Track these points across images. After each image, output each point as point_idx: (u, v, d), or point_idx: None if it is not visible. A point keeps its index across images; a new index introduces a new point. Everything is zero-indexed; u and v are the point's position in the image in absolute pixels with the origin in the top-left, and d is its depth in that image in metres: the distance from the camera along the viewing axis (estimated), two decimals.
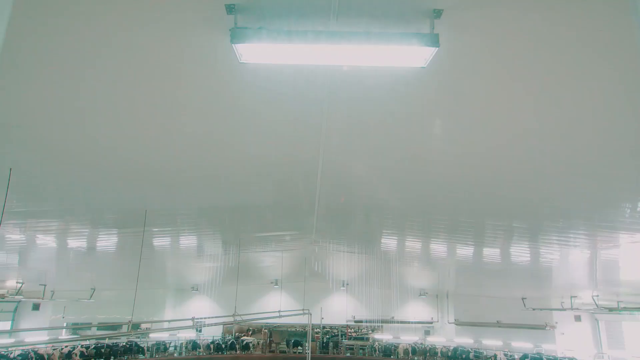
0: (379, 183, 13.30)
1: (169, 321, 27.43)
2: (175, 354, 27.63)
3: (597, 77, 6.61)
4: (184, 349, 28.10)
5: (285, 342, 30.78)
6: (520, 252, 19.16)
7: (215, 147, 10.31)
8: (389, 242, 22.32)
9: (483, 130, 8.88)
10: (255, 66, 6.56)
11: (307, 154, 10.85)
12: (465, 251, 20.79)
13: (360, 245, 23.82)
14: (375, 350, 29.37)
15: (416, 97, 7.70)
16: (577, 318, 29.07)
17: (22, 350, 21.37)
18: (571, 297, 24.51)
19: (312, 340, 28.08)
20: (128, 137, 9.46)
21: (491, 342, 29.18)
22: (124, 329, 26.22)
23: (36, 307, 29.01)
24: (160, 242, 20.87)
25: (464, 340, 30.04)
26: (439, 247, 21.41)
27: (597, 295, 22.35)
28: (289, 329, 33.89)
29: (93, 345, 24.70)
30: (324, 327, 33.54)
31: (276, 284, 32.96)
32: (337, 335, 33.62)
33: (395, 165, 11.42)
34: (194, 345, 28.23)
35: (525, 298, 27.25)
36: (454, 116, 8.44)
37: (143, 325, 29.14)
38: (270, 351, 30.21)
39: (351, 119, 8.83)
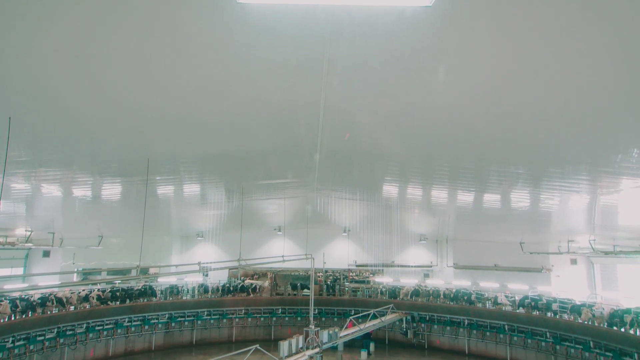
0: (381, 129, 13.19)
1: (176, 266, 28.27)
2: (188, 297, 28.85)
3: (598, 32, 6.50)
4: (196, 292, 29.28)
5: (290, 285, 31.88)
6: (520, 198, 19.33)
7: (214, 93, 10.15)
8: (391, 189, 22.50)
9: (486, 75, 8.68)
10: (253, 6, 6.31)
11: (308, 98, 10.69)
12: (466, 197, 20.98)
13: (361, 192, 24.03)
14: (381, 293, 30.49)
15: (420, 39, 7.46)
16: (573, 261, 29.83)
17: (42, 294, 22.32)
18: (568, 241, 25.02)
19: (315, 284, 29.08)
20: (131, 84, 9.30)
21: (488, 285, 30.18)
22: (133, 273, 27.12)
23: (46, 254, 29.81)
24: (164, 190, 21.08)
25: (462, 283, 31.05)
26: (439, 194, 21.60)
27: (594, 240, 22.81)
28: (293, 273, 34.98)
29: (109, 289, 25.81)
30: (326, 271, 34.59)
31: (279, 231, 33.63)
32: (339, 278, 34.76)
33: (397, 111, 11.27)
34: (205, 289, 29.40)
35: (523, 242, 27.85)
36: (458, 60, 8.21)
37: (151, 270, 30.09)
38: (277, 294, 31.37)
39: (353, 61, 8.60)
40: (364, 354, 25.37)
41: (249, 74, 9.08)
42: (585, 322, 20.48)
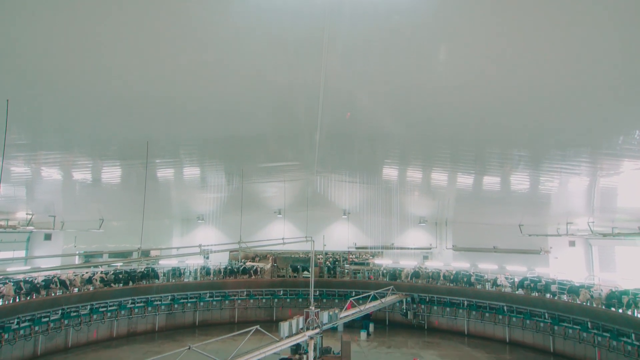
0: (381, 110, 13.11)
1: (177, 248, 28.44)
2: (190, 279, 29.15)
3: (595, 14, 6.43)
4: (198, 274, 29.55)
5: (290, 268, 32.15)
6: (520, 180, 19.35)
7: (214, 75, 10.06)
8: (390, 172, 22.49)
9: (488, 56, 8.59)
10: None
11: (308, 79, 10.59)
12: (466, 180, 21.00)
13: (361, 174, 24.03)
14: (382, 275, 30.77)
15: (420, 14, 7.33)
16: (572, 243, 30.03)
17: (45, 276, 22.55)
18: (567, 223, 25.14)
19: (315, 266, 29.30)
20: (130, 66, 9.20)
21: (487, 266, 30.45)
22: (134, 256, 27.28)
23: (48, 237, 29.97)
24: (164, 173, 21.06)
25: (461, 265, 31.32)
26: (439, 176, 21.61)
27: (593, 222, 22.91)
28: (293, 256, 35.23)
29: (112, 272, 26.08)
30: (326, 254, 34.83)
31: (280, 213, 33.75)
32: (339, 260, 35.02)
33: (398, 91, 11.18)
34: (207, 271, 29.69)
35: (522, 225, 28.00)
36: (459, 40, 8.11)
37: (152, 253, 30.28)
38: (279, 276, 31.65)
39: (353, 39, 8.48)
40: (363, 334, 25.74)
41: (248, 54, 8.98)
42: (584, 303, 20.71)
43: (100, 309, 24.15)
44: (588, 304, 20.50)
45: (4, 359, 19.51)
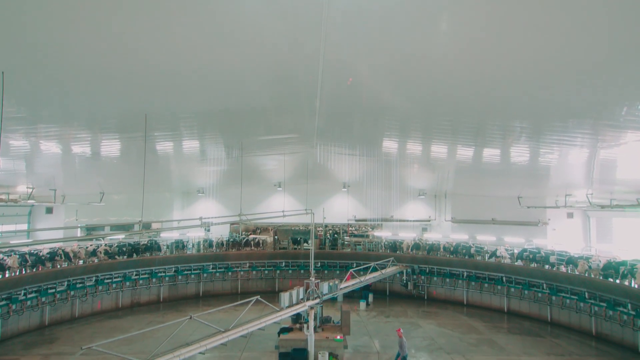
0: (382, 81, 12.98)
1: (178, 221, 28.65)
2: (193, 251, 29.55)
3: None
4: (201, 246, 29.94)
5: (291, 240, 32.50)
6: (520, 152, 19.34)
7: (212, 46, 9.91)
8: (390, 144, 22.44)
9: (490, 25, 8.45)
10: None
11: (307, 48, 10.43)
12: (466, 152, 20.97)
13: (361, 147, 23.99)
14: (383, 246, 31.14)
15: None
16: (570, 215, 30.30)
17: (50, 248, 22.87)
18: (566, 195, 25.29)
19: (315, 238, 29.59)
20: (128, 37, 9.05)
21: (485, 238, 30.80)
22: (136, 229, 27.54)
23: (49, 210, 30.19)
24: (164, 146, 21.02)
25: (460, 237, 31.68)
26: (439, 149, 21.57)
27: (592, 194, 23.02)
28: (293, 228, 35.54)
29: (116, 244, 26.44)
30: (326, 226, 35.12)
31: (280, 186, 33.86)
32: (339, 233, 35.35)
33: (398, 61, 11.04)
34: (210, 243, 30.07)
35: (521, 197, 28.16)
36: (462, 6, 7.95)
37: (154, 226, 30.56)
38: (281, 248, 32.01)
39: (354, 7, 8.32)
40: (362, 304, 26.25)
41: (247, 22, 8.82)
42: (582, 274, 21.02)
43: (105, 281, 24.57)
44: (586, 274, 20.82)
45: (12, 328, 19.96)
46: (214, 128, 19.01)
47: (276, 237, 33.69)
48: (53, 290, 21.80)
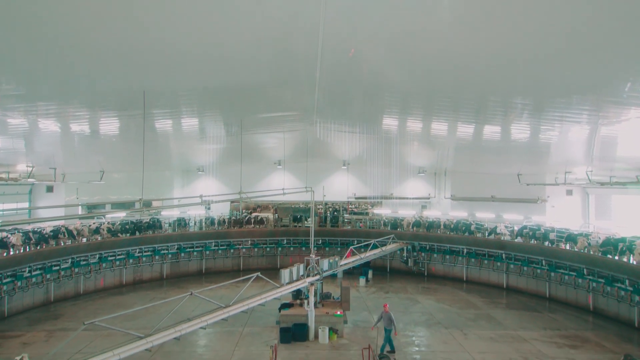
0: (383, 59, 12.82)
1: (179, 199, 28.80)
2: (195, 229, 29.84)
3: None
4: (203, 224, 30.19)
5: (292, 218, 32.70)
6: (521, 129, 19.25)
7: (211, 21, 9.74)
8: (391, 122, 22.32)
9: None
10: None
11: (306, 24, 10.26)
12: (466, 129, 20.88)
13: (361, 125, 23.86)
14: (383, 224, 31.34)
15: None
16: (569, 192, 30.40)
17: (54, 226, 23.08)
18: (565, 172, 25.29)
19: (315, 216, 29.74)
20: (125, 11, 8.87)
21: (484, 215, 30.97)
22: (137, 207, 27.62)
23: (50, 189, 30.27)
24: (163, 124, 20.91)
25: (459, 214, 31.84)
26: (440, 126, 21.46)
27: (591, 171, 23.02)
28: (293, 206, 35.69)
29: (119, 222, 26.66)
30: (326, 204, 35.25)
31: (279, 165, 33.85)
32: (339, 210, 35.51)
33: (399, 41, 10.88)
34: (212, 221, 30.31)
35: (520, 174, 28.18)
36: None
37: (154, 204, 30.69)
38: (282, 226, 32.23)
39: None
40: (362, 280, 26.60)
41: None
42: (581, 251, 21.20)
43: (109, 258, 24.86)
44: (585, 251, 21.00)
45: (17, 305, 20.28)
46: (213, 105, 18.88)
47: (276, 214, 33.89)
48: (57, 268, 22.09)
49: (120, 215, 29.85)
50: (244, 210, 34.77)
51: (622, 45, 9.60)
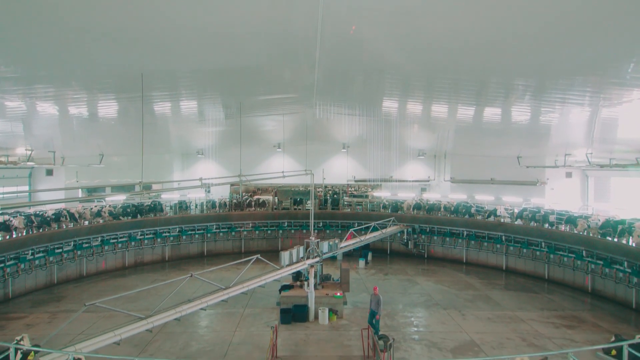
0: (383, 40, 12.67)
1: (179, 182, 28.80)
2: (197, 211, 30.00)
3: None
4: (204, 207, 30.33)
5: (292, 200, 32.81)
6: (521, 111, 19.16)
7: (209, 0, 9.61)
8: (391, 104, 22.19)
9: None
10: None
11: (305, 2, 10.12)
12: (466, 111, 20.78)
13: (361, 107, 23.74)
14: (383, 207, 31.46)
15: None
16: (568, 174, 30.41)
17: (56, 210, 23.19)
18: (565, 154, 25.26)
19: (315, 198, 29.81)
20: None
21: (483, 198, 31.05)
22: (137, 190, 27.69)
23: (49, 172, 30.27)
24: (161, 107, 20.80)
25: (458, 197, 31.91)
26: (440, 108, 21.35)
27: (591, 153, 23.00)
28: (293, 189, 35.75)
29: (120, 205, 26.80)
30: (325, 187, 35.31)
31: (279, 147, 33.79)
32: (339, 193, 35.59)
33: (400, 18, 10.73)
34: (213, 204, 30.45)
35: (520, 157, 28.16)
36: None
37: (154, 187, 30.76)
38: (284, 208, 32.33)
39: None
40: (361, 262, 26.81)
41: None
42: (580, 233, 21.29)
43: (111, 241, 25.03)
44: (585, 233, 21.09)
45: (20, 287, 20.48)
46: (212, 88, 18.75)
47: (276, 197, 33.98)
48: (60, 250, 22.26)
49: (121, 198, 29.94)
50: (244, 193, 34.86)
51: (626, 25, 9.50)
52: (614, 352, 7.22)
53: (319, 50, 13.63)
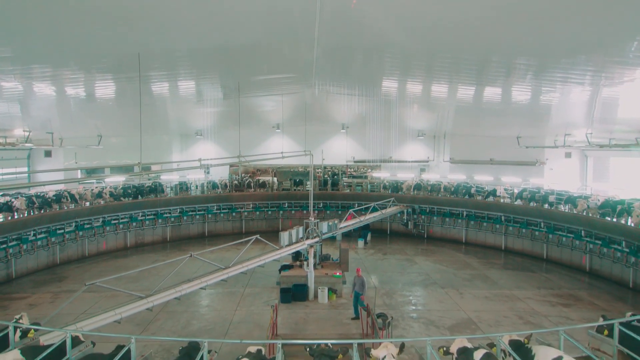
0: (384, 16, 12.48)
1: (178, 162, 28.75)
2: (197, 192, 30.10)
3: None
4: (205, 188, 30.39)
5: (292, 181, 32.85)
6: (522, 91, 19.03)
7: None
8: (391, 84, 22.02)
9: None
10: None
11: None
12: (466, 91, 20.64)
13: (360, 87, 23.54)
14: (383, 187, 31.51)
15: None
16: (568, 155, 30.36)
17: (56, 191, 23.24)
18: (565, 134, 25.20)
19: (314, 179, 29.83)
20: None
21: (482, 178, 31.09)
22: (136, 170, 27.73)
23: (48, 154, 30.18)
24: (159, 87, 20.63)
25: (457, 177, 31.93)
26: (440, 88, 21.19)
27: (591, 133, 22.94)
28: (292, 170, 35.76)
29: (121, 186, 26.86)
30: (325, 167, 35.29)
31: (278, 128, 33.64)
32: (338, 174, 35.58)
33: None
34: (214, 185, 30.53)
35: (520, 137, 28.07)
36: None
37: (153, 168, 30.75)
38: (284, 189, 32.37)
39: None
40: (360, 242, 26.99)
41: None
42: (579, 213, 21.37)
43: (112, 222, 25.16)
44: (584, 213, 21.16)
45: (22, 267, 20.66)
46: (210, 67, 18.56)
47: (275, 178, 34.01)
48: (62, 231, 22.39)
49: (120, 179, 29.94)
50: (243, 174, 34.86)
51: (631, 2, 9.35)
52: (606, 332, 7.34)
53: (318, 27, 13.43)
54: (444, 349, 6.55)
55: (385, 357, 6.37)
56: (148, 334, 13.88)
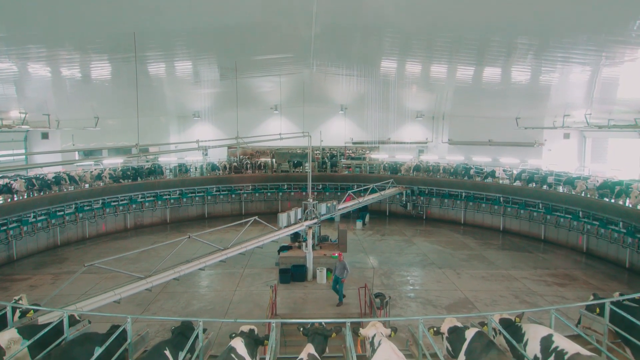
0: None
1: (175, 144, 28.63)
2: (197, 174, 30.11)
3: None
4: (204, 169, 30.38)
5: (291, 163, 32.81)
6: (521, 71, 18.86)
7: None
8: (389, 64, 21.79)
9: None
10: None
11: None
12: (466, 72, 20.44)
13: (359, 67, 23.29)
14: (383, 169, 31.51)
15: None
16: (566, 135, 30.28)
17: (55, 172, 23.22)
18: (564, 115, 25.09)
19: (312, 161, 29.79)
20: None
21: (481, 159, 31.08)
22: (133, 152, 27.67)
23: (45, 136, 29.99)
24: (156, 68, 20.39)
25: (456, 158, 31.93)
26: (439, 69, 20.98)
27: (590, 114, 22.84)
28: (290, 151, 35.66)
29: (120, 168, 26.82)
30: (323, 149, 35.22)
31: (276, 109, 33.43)
32: (336, 155, 35.54)
33: None
34: (213, 167, 30.51)
35: (519, 118, 27.95)
36: None
37: (151, 149, 30.66)
38: (283, 171, 32.35)
39: None
40: (359, 223, 27.14)
41: None
42: (578, 194, 21.44)
43: (112, 203, 25.23)
44: (583, 194, 21.23)
45: (22, 249, 20.78)
46: (207, 47, 18.30)
47: (274, 159, 33.97)
48: (62, 213, 22.47)
49: (117, 161, 29.88)
50: (241, 156, 34.78)
51: None
52: (597, 310, 7.47)
53: (316, 4, 13.21)
54: (435, 329, 6.63)
55: (375, 335, 6.42)
56: (149, 314, 14.06)
